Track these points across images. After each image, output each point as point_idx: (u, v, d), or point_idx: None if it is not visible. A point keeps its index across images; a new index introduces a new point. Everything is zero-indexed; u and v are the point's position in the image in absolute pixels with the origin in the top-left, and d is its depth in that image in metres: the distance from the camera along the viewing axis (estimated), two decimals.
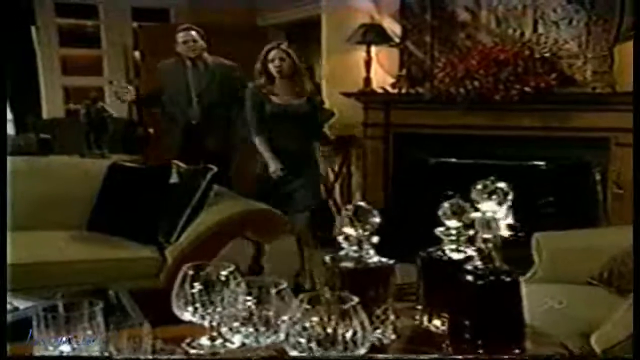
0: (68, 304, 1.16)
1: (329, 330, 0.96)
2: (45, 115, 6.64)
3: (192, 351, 1.26)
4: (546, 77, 4.51)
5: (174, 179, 3.65)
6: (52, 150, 5.06)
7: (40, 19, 6.76)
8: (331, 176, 5.46)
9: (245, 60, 4.73)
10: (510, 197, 1.31)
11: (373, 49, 5.16)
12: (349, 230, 1.28)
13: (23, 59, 6.48)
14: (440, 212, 1.40)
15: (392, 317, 1.27)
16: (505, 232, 4.12)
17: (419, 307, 1.35)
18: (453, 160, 4.97)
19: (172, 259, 3.31)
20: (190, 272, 1.26)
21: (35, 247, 3.36)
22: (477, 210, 1.27)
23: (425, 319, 1.38)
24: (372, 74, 5.14)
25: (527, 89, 4.47)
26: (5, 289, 1.61)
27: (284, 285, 1.15)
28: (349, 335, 0.96)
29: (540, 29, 4.69)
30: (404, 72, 5.10)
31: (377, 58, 5.24)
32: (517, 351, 1.14)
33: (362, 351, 0.98)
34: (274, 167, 4.05)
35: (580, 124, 4.51)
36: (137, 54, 7.00)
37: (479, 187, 1.33)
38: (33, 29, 6.71)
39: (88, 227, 3.72)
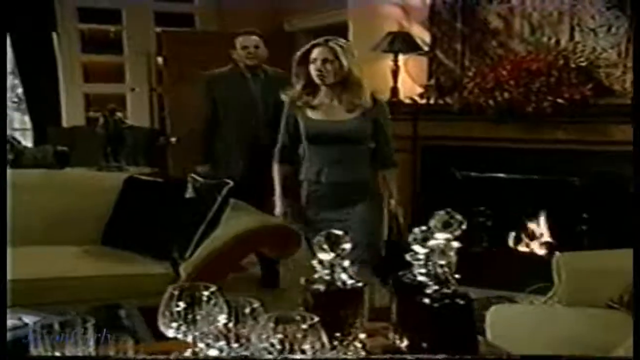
0: (64, 320, 1.27)
1: (289, 345, 1.10)
2: (65, 123, 6.56)
3: None
4: (581, 87, 4.29)
5: (189, 193, 3.53)
6: (68, 163, 4.95)
7: (62, 24, 6.68)
8: None
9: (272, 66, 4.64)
10: (464, 225, 1.39)
11: (400, 57, 4.98)
12: (322, 255, 1.38)
13: (43, 66, 6.41)
14: (431, 224, 1.41)
15: (361, 335, 1.38)
16: (541, 250, 3.89)
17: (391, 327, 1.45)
18: (482, 174, 4.77)
19: (186, 275, 3.21)
20: (176, 292, 1.37)
21: (48, 262, 3.31)
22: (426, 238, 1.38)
23: (396, 338, 1.45)
24: (400, 84, 4.96)
25: (560, 100, 4.26)
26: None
27: (257, 305, 1.29)
28: (307, 348, 1.10)
29: (577, 37, 4.47)
30: (432, 81, 4.91)
31: (405, 67, 5.05)
32: None
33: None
34: (279, 209, 3.40)
35: (617, 137, 4.28)
36: (159, 60, 6.90)
37: (437, 218, 1.39)
38: (54, 35, 6.62)
39: (102, 242, 3.67)
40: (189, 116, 5.74)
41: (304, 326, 1.13)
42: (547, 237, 4.67)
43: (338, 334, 1.32)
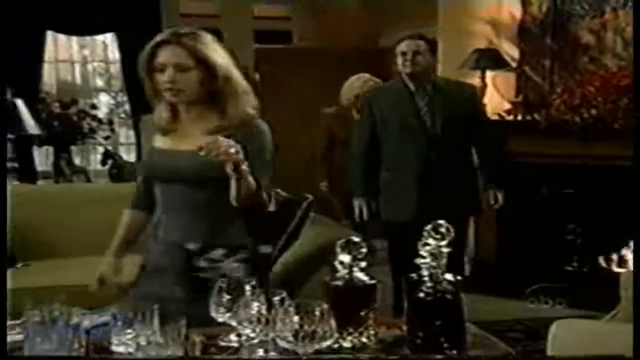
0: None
1: (305, 327, 1.38)
2: None
3: (222, 344, 1.61)
4: None
5: (272, 207, 3.69)
6: None
7: None
8: None
9: None
10: (452, 233, 1.53)
11: (488, 74, 5.00)
12: (342, 257, 1.62)
13: None
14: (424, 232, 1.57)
15: (372, 325, 1.59)
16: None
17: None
18: (568, 190, 4.70)
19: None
20: (224, 285, 1.62)
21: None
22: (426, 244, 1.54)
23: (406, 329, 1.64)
24: (487, 100, 4.97)
25: None
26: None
27: (285, 295, 1.49)
28: (318, 331, 1.38)
29: None
30: (520, 98, 4.90)
31: (492, 83, 5.07)
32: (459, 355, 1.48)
33: (326, 343, 1.40)
34: None
35: None
36: (257, 76, 7.18)
37: (429, 227, 1.54)
38: None
39: None
40: (285, 130, 5.98)
41: (317, 313, 1.39)
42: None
43: (353, 324, 1.55)
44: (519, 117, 4.86)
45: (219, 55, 2.07)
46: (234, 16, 7.40)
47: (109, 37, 7.55)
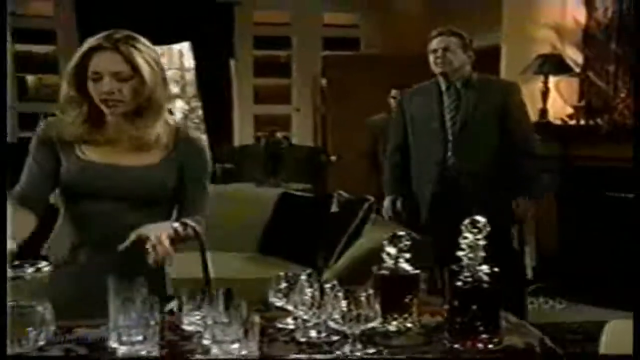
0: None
1: (352, 310, 1.54)
2: (236, 142, 7.20)
3: (280, 326, 1.75)
4: None
5: (334, 208, 3.87)
6: (233, 179, 5.49)
7: (239, 52, 7.35)
8: None
9: None
10: (488, 228, 1.65)
11: (551, 79, 5.04)
12: (389, 249, 1.74)
13: (221, 90, 7.10)
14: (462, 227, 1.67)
15: (415, 311, 1.71)
16: None
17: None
18: (629, 195, 4.69)
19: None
20: (282, 274, 1.79)
21: (216, 266, 3.75)
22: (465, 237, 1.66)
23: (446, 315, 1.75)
24: (549, 105, 5.02)
25: None
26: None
27: (335, 283, 1.62)
28: (364, 314, 1.54)
29: None
30: (582, 103, 4.92)
31: (555, 88, 5.10)
32: (494, 339, 1.60)
33: (372, 324, 1.57)
34: None
35: None
36: (324, 81, 7.37)
37: (467, 221, 1.66)
38: (232, 61, 7.30)
39: (260, 250, 4.10)
40: (350, 135, 6.16)
41: (363, 298, 1.54)
42: None
43: (398, 310, 1.69)
44: (582, 122, 4.87)
45: (149, 64, 1.92)
46: (305, 24, 7.63)
47: (185, 46, 7.88)
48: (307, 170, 6.04)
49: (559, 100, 5.10)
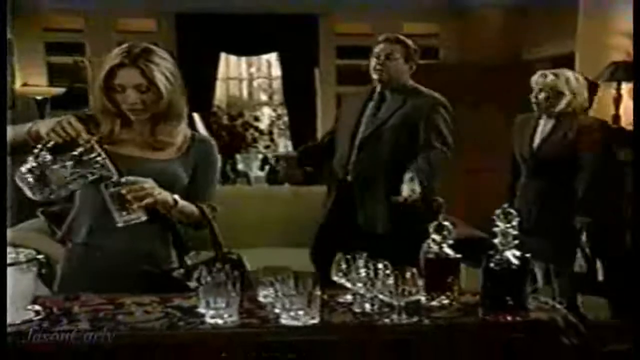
0: None
1: (399, 286, 1.84)
2: None
3: (340, 300, 2.03)
4: None
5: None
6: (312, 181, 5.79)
7: (323, 61, 7.70)
8: None
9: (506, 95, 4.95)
10: (517, 218, 1.89)
11: (624, 85, 5.13)
12: (434, 236, 2.00)
13: (306, 98, 7.46)
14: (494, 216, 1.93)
15: (456, 289, 1.98)
16: None
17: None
18: None
19: None
20: (341, 256, 2.03)
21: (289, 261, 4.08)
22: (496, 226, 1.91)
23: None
24: (621, 112, 5.11)
25: None
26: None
27: (387, 263, 1.90)
28: (408, 289, 1.84)
29: None
30: None
31: (629, 94, 5.19)
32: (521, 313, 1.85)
33: (416, 297, 1.86)
34: None
35: None
36: None
37: (499, 211, 1.91)
38: (316, 70, 7.66)
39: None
40: None
41: (408, 275, 1.84)
42: None
43: (441, 288, 1.97)
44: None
45: (165, 76, 2.21)
46: (385, 34, 7.89)
47: (272, 56, 8.30)
48: None
49: (631, 107, 5.18)
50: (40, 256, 1.89)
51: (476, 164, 6.22)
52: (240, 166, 7.11)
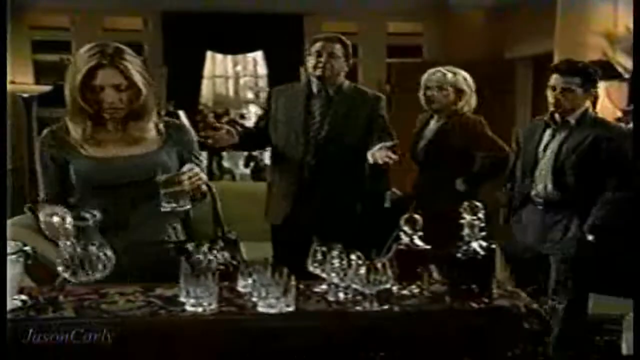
0: None
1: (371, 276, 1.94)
2: None
3: (315, 290, 2.10)
4: None
5: (387, 203, 4.24)
6: None
7: None
8: None
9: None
10: (483, 210, 2.00)
11: (601, 84, 5.24)
12: (406, 228, 2.12)
13: None
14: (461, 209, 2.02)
15: (427, 279, 2.10)
16: None
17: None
18: None
19: None
20: (318, 247, 2.09)
21: None
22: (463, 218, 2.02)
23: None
24: (598, 109, 5.22)
25: None
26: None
27: (359, 254, 1.99)
28: (378, 278, 1.94)
29: None
30: (632, 106, 5.11)
31: (606, 93, 5.30)
32: (485, 300, 1.97)
33: (385, 286, 1.95)
34: None
35: None
36: (388, 87, 7.73)
37: (466, 204, 2.01)
38: (302, 69, 7.73)
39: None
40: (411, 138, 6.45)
41: (379, 266, 1.94)
42: None
43: (411, 278, 2.07)
44: (630, 125, 5.06)
45: (141, 73, 2.27)
46: (370, 33, 8.01)
47: (258, 55, 8.37)
48: None
49: (608, 105, 5.30)
50: (26, 247, 1.96)
51: None
52: (225, 163, 7.17)
